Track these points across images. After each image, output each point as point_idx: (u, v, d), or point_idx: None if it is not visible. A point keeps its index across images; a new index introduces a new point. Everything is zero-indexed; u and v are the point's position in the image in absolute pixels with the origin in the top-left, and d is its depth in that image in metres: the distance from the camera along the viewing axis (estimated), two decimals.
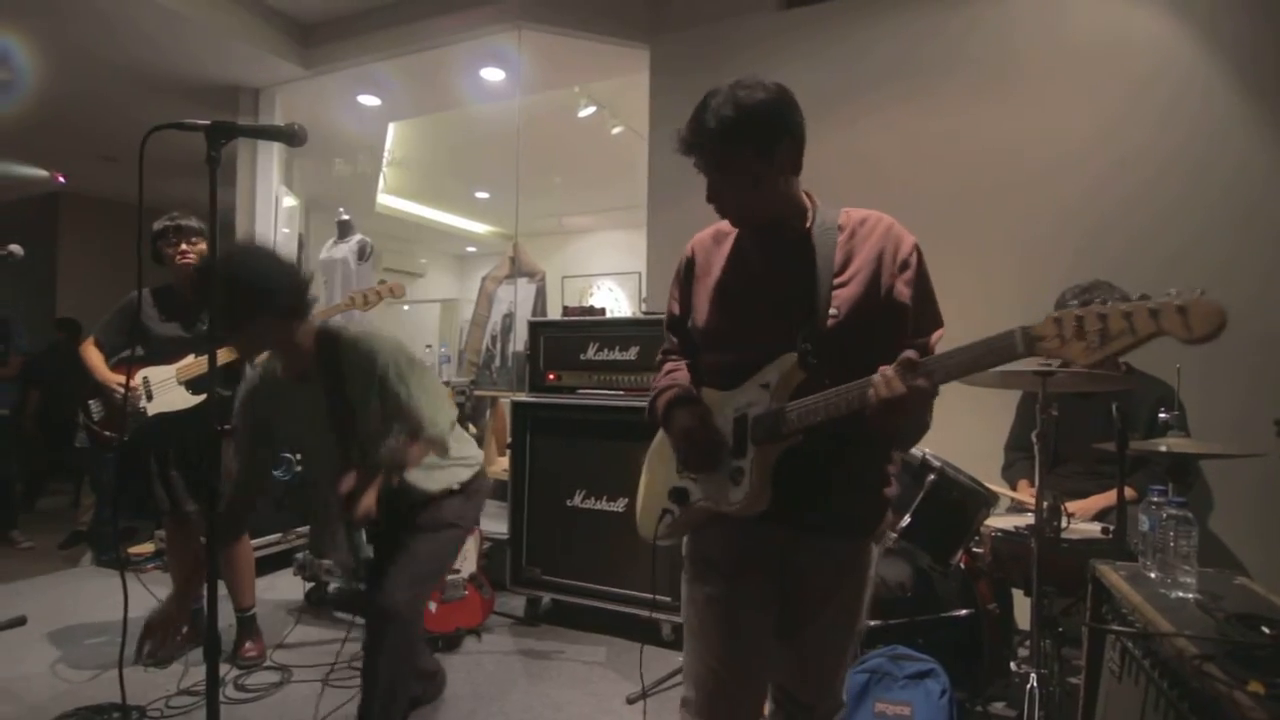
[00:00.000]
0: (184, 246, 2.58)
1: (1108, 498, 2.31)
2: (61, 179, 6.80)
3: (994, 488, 2.45)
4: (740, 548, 1.30)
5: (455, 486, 2.00)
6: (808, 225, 1.28)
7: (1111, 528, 2.01)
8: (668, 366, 1.46)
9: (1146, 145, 2.70)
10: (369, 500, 1.67)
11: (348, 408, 1.79)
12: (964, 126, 3.00)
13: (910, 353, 1.09)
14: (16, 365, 4.58)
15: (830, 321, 1.20)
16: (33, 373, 4.80)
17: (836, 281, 1.22)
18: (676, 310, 1.44)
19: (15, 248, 2.10)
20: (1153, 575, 1.46)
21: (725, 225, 1.37)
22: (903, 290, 1.21)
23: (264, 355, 1.89)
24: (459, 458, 2.03)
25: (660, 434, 1.45)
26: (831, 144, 3.18)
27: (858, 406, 1.12)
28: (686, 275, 1.41)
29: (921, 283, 1.24)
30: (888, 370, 1.08)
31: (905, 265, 1.22)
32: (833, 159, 3.22)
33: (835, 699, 1.39)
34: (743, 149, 1.19)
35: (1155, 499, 1.47)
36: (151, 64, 4.15)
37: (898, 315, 1.21)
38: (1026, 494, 2.38)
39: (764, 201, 1.24)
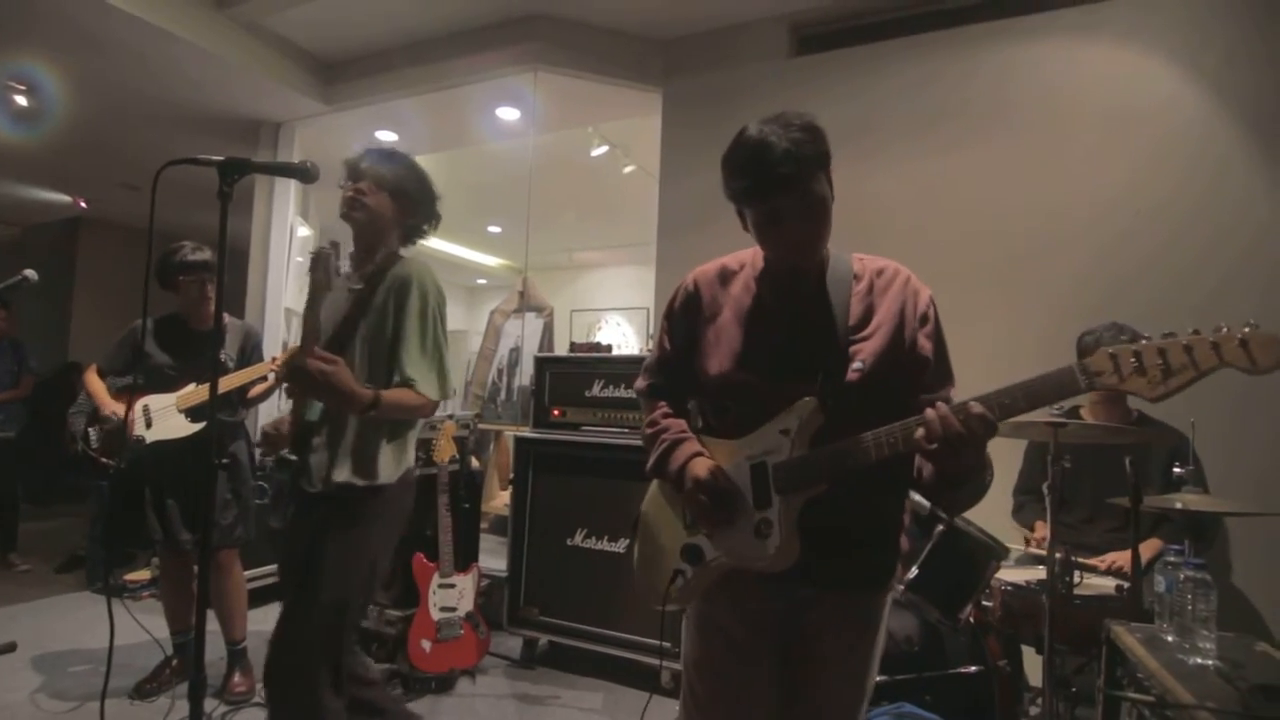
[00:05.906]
0: (208, 289, 2.61)
1: (1151, 546, 2.25)
2: (83, 204, 6.94)
3: (1011, 540, 2.39)
4: (752, 611, 1.25)
5: (357, 482, 1.68)
6: (823, 272, 1.24)
7: (1125, 585, 1.96)
8: (661, 412, 1.36)
9: (1167, 203, 2.67)
10: (323, 367, 1.53)
11: (364, 315, 1.77)
12: (978, 174, 3.00)
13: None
14: (28, 386, 4.62)
15: (855, 375, 1.16)
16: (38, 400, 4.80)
17: (860, 336, 1.19)
18: (669, 346, 1.36)
19: (29, 273, 2.11)
20: (1170, 639, 1.42)
21: (731, 262, 1.32)
22: (925, 344, 1.19)
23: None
24: (392, 459, 1.75)
25: (655, 489, 1.37)
26: (842, 190, 3.16)
27: (901, 449, 1.07)
28: (690, 311, 1.31)
29: (939, 336, 1.22)
30: (942, 407, 1.03)
31: (925, 319, 1.21)
32: (842, 205, 3.21)
33: None
34: (821, 174, 1.17)
35: (1172, 559, 1.43)
36: (176, 97, 4.25)
37: (918, 369, 1.19)
38: (1042, 533, 2.33)
39: (827, 232, 1.21)
